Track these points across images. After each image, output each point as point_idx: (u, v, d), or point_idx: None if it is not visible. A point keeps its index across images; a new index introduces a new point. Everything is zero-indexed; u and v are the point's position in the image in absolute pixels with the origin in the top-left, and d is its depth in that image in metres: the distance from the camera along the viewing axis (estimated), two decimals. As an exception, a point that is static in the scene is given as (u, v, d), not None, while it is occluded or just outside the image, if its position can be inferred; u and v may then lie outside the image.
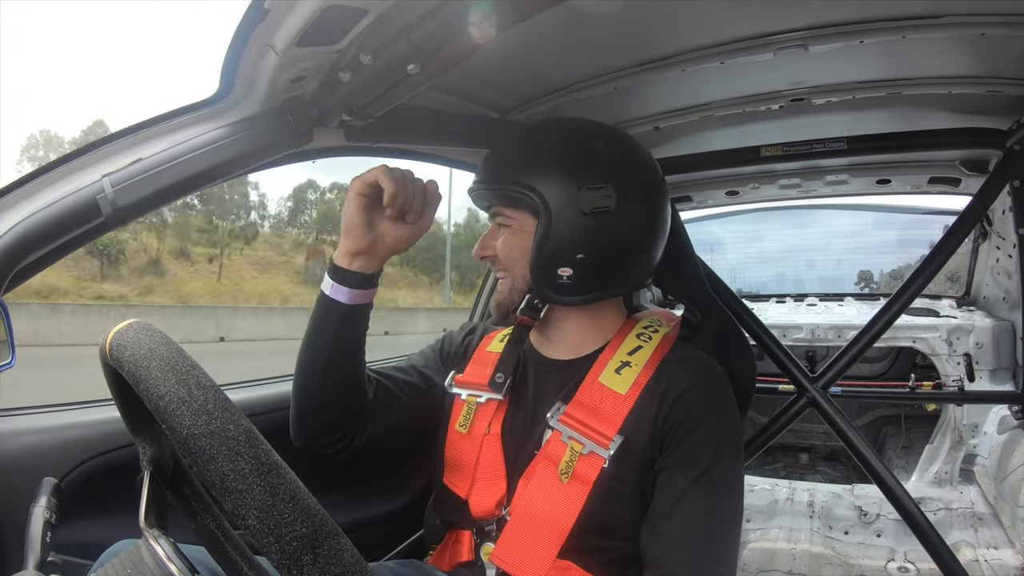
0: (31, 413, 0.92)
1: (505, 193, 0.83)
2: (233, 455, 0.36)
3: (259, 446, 0.37)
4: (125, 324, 0.46)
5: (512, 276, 0.85)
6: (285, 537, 0.34)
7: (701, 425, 0.76)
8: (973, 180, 1.59)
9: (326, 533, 0.35)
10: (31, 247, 0.73)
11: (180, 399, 0.38)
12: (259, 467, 0.36)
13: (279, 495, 0.35)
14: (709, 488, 0.73)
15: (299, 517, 0.35)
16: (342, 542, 0.36)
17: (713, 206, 2.15)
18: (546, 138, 0.86)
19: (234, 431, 0.37)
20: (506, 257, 0.84)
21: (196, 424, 0.37)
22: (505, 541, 0.77)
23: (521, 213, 0.83)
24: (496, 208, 0.85)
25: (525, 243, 0.82)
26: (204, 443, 0.36)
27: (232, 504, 0.35)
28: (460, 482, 0.85)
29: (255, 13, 0.67)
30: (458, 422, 0.88)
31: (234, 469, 0.35)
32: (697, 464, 0.73)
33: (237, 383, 1.21)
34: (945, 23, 0.90)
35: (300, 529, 0.35)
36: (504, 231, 0.85)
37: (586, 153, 0.83)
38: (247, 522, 0.35)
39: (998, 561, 1.74)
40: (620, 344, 0.85)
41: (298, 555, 0.34)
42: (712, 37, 0.99)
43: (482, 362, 0.93)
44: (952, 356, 1.97)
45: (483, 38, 0.70)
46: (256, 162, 0.86)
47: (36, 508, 0.52)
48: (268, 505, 0.35)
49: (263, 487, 0.35)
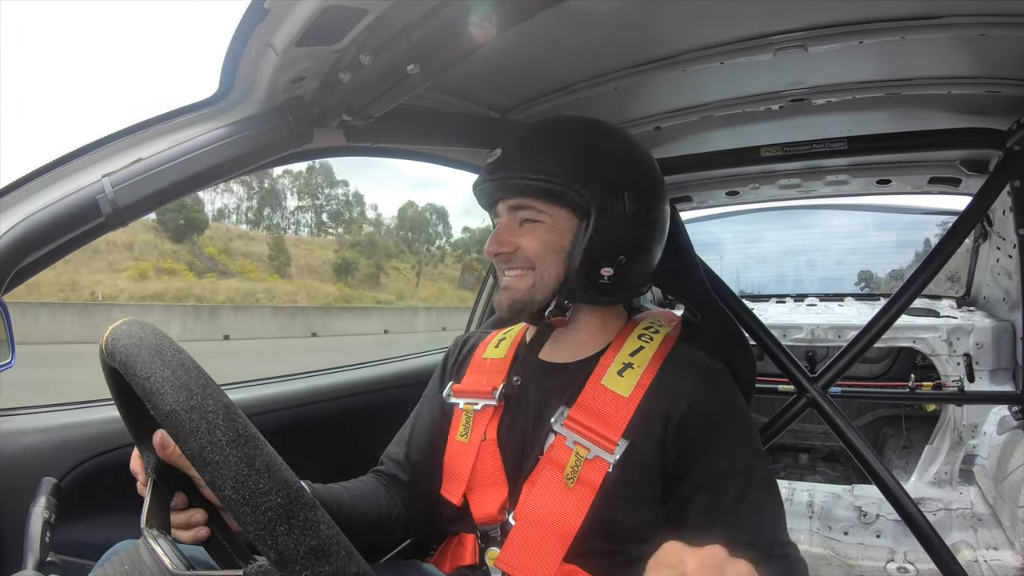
0: (31, 413, 0.92)
1: (547, 187, 0.79)
2: (211, 428, 0.37)
3: (236, 419, 0.38)
4: (120, 322, 0.46)
5: (539, 274, 0.81)
6: (260, 507, 0.35)
7: (727, 430, 0.75)
8: (973, 180, 1.60)
9: (302, 504, 0.36)
10: (31, 247, 0.73)
11: (164, 379, 0.39)
12: (236, 438, 0.37)
13: (255, 466, 0.36)
14: (760, 490, 0.73)
15: (274, 487, 0.36)
16: (318, 514, 0.36)
17: (713, 206, 2.15)
18: (584, 135, 0.84)
19: (213, 406, 0.38)
20: (536, 254, 0.81)
21: (178, 400, 0.38)
22: (511, 546, 0.76)
23: (558, 209, 0.80)
24: (526, 201, 0.82)
25: (560, 240, 0.80)
26: (184, 418, 0.37)
27: (209, 475, 0.36)
28: (455, 490, 0.85)
29: (255, 13, 0.67)
30: (459, 432, 0.88)
31: (211, 441, 0.36)
32: (740, 471, 0.73)
33: (237, 383, 1.21)
34: (944, 23, 0.90)
35: (275, 499, 0.35)
36: (532, 226, 0.82)
37: (624, 151, 0.84)
38: (223, 492, 0.35)
39: (997, 562, 1.74)
40: (622, 345, 0.84)
41: (273, 525, 0.35)
42: (712, 37, 0.99)
43: (479, 370, 0.93)
44: (952, 356, 1.97)
45: (483, 38, 0.70)
46: (256, 162, 0.86)
47: (36, 508, 0.52)
48: (244, 475, 0.36)
49: (239, 458, 0.36)
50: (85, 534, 0.82)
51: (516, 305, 0.83)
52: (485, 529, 0.82)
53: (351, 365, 1.43)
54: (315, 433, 1.21)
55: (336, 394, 1.29)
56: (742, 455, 0.74)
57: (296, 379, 1.28)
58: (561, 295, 0.82)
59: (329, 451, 1.19)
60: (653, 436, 0.76)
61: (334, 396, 1.28)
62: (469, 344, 0.99)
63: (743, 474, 0.73)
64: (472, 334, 1.02)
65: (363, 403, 1.31)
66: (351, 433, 1.28)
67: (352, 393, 1.31)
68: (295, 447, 0.85)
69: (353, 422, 1.29)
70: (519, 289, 0.83)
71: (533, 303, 0.82)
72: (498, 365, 0.91)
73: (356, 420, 1.29)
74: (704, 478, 0.73)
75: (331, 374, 1.35)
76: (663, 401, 0.77)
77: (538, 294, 0.82)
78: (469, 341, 1.00)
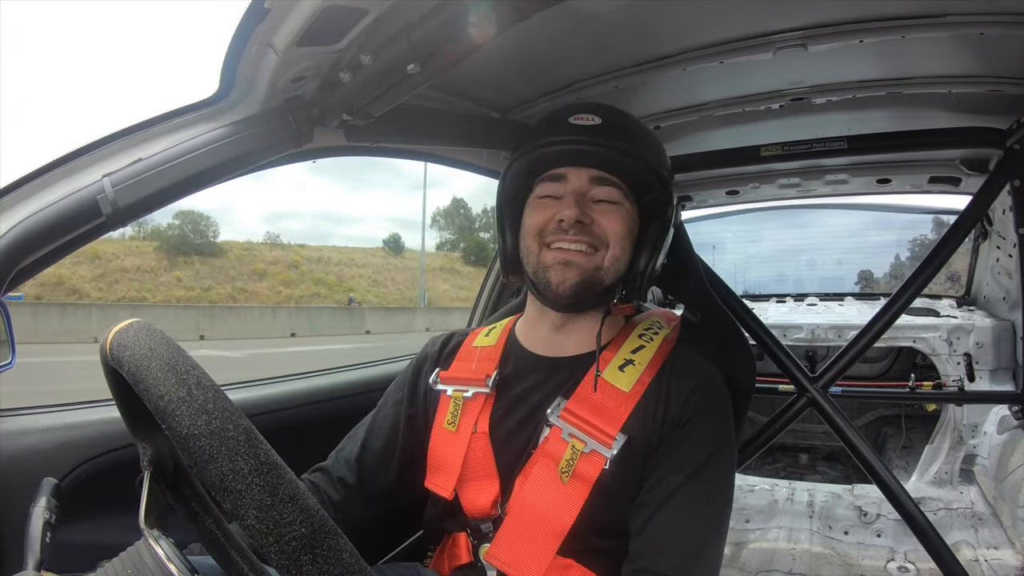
0: (31, 413, 0.91)
1: (644, 172, 0.81)
2: (232, 455, 0.36)
3: (259, 446, 0.37)
4: (125, 324, 0.45)
5: (612, 256, 0.80)
6: (284, 537, 0.34)
7: (698, 427, 0.76)
8: (973, 179, 1.59)
9: (325, 533, 0.36)
10: (31, 247, 0.72)
11: (180, 399, 0.38)
12: (258, 467, 0.36)
13: (278, 495, 0.35)
14: (698, 487, 0.73)
15: (298, 517, 0.35)
16: (341, 542, 0.36)
17: (713, 206, 2.15)
18: (660, 146, 0.89)
19: (234, 431, 0.37)
20: (617, 235, 0.80)
21: (196, 424, 0.37)
22: (501, 540, 0.76)
23: (630, 199, 0.82)
24: (616, 178, 0.81)
25: (632, 228, 0.82)
26: (204, 443, 0.36)
27: (231, 504, 0.35)
28: (444, 482, 0.82)
29: (255, 13, 0.67)
30: (445, 420, 0.85)
31: (233, 469, 0.36)
32: (690, 463, 0.74)
33: (237, 383, 1.21)
34: (945, 23, 0.90)
35: (299, 529, 0.35)
36: (611, 207, 0.81)
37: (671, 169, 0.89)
38: (246, 522, 0.35)
39: (998, 561, 1.74)
40: (623, 343, 0.84)
41: (297, 555, 0.34)
42: (712, 37, 0.99)
43: (468, 358, 0.90)
44: (952, 356, 1.97)
45: (483, 38, 0.70)
46: (256, 162, 0.86)
47: (36, 508, 0.52)
48: (267, 505, 0.35)
49: (262, 487, 0.35)
50: (85, 535, 0.82)
51: (584, 282, 0.79)
52: (477, 524, 0.80)
53: (351, 365, 1.43)
54: (315, 433, 1.21)
55: (336, 394, 1.28)
56: (696, 456, 0.74)
57: (296, 379, 1.28)
58: (626, 284, 0.82)
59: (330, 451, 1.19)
60: (647, 434, 0.76)
61: (334, 396, 1.28)
62: (455, 340, 0.96)
63: (688, 473, 0.73)
64: (454, 333, 0.99)
65: (363, 403, 1.30)
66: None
67: (353, 393, 1.31)
68: (295, 447, 0.85)
69: (353, 422, 1.29)
70: (586, 267, 0.79)
71: (599, 285, 0.80)
72: (489, 353, 0.89)
73: (356, 420, 1.29)
74: (658, 462, 0.75)
75: (331, 374, 1.35)
76: (660, 402, 0.78)
77: (606, 276, 0.80)
78: (454, 336, 0.97)
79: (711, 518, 0.74)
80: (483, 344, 0.92)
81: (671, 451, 0.75)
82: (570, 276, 0.78)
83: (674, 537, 0.71)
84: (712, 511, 0.74)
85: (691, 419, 0.76)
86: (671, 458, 0.75)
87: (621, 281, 0.82)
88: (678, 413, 0.76)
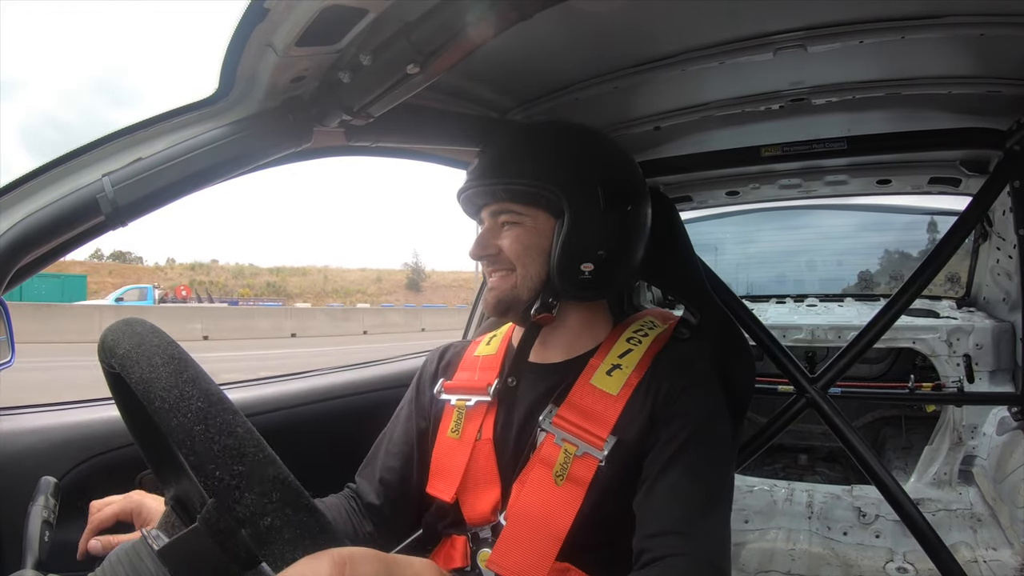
0: (31, 413, 0.92)
1: (521, 190, 0.83)
2: (151, 355, 0.41)
3: (174, 349, 0.42)
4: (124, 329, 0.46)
5: (522, 274, 0.84)
6: (183, 411, 0.38)
7: (687, 400, 0.78)
8: (973, 180, 1.59)
9: (221, 409, 0.39)
10: (31, 246, 0.73)
11: (133, 345, 0.43)
12: (168, 360, 0.41)
13: (183, 377, 0.40)
14: (696, 451, 0.74)
15: (196, 394, 0.39)
16: (237, 418, 0.39)
17: (713, 206, 2.15)
18: (556, 138, 0.87)
19: (158, 343, 0.42)
20: (516, 254, 0.84)
21: (132, 348, 0.43)
22: (502, 547, 0.76)
23: (535, 211, 0.83)
24: (504, 206, 0.85)
25: (540, 241, 0.83)
26: (133, 354, 0.42)
27: (142, 388, 0.40)
28: (446, 488, 0.84)
29: (255, 13, 0.67)
30: (449, 428, 0.88)
31: (151, 364, 0.41)
32: (683, 429, 0.75)
33: (237, 383, 1.21)
34: (945, 23, 0.90)
35: (196, 403, 0.38)
36: (513, 228, 0.84)
37: (599, 151, 0.87)
38: (152, 405, 0.39)
39: (997, 562, 1.74)
40: (611, 348, 0.86)
41: (190, 426, 0.37)
42: (712, 37, 0.99)
43: (471, 367, 0.94)
44: (952, 357, 1.97)
45: (483, 38, 0.70)
46: (256, 162, 0.86)
47: (35, 508, 0.52)
48: (171, 385, 0.39)
49: (169, 372, 0.40)
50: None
51: (501, 303, 0.85)
52: (476, 530, 0.82)
53: (352, 365, 1.43)
54: (315, 433, 1.21)
55: (336, 394, 1.28)
56: (682, 432, 0.75)
57: (296, 379, 1.28)
58: (545, 293, 0.83)
59: (329, 451, 1.19)
60: (639, 432, 0.77)
61: (334, 396, 1.28)
62: (453, 350, 1.00)
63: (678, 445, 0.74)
64: (452, 344, 1.03)
65: (363, 403, 1.31)
66: (351, 433, 1.27)
67: (352, 393, 1.31)
68: (295, 447, 0.85)
69: (353, 422, 1.28)
70: (503, 289, 0.85)
71: (518, 301, 0.84)
72: (490, 361, 0.92)
73: (356, 420, 1.28)
74: (651, 445, 0.76)
75: (331, 374, 1.35)
76: (650, 399, 0.79)
77: (522, 293, 0.84)
78: (452, 347, 1.02)
79: (712, 479, 0.74)
80: (484, 353, 0.94)
81: (664, 427, 0.76)
82: (490, 299, 0.86)
83: (677, 500, 0.71)
84: (712, 472, 0.75)
85: (679, 395, 0.78)
86: (665, 432, 0.76)
87: (542, 292, 0.84)
88: (665, 398, 0.78)
